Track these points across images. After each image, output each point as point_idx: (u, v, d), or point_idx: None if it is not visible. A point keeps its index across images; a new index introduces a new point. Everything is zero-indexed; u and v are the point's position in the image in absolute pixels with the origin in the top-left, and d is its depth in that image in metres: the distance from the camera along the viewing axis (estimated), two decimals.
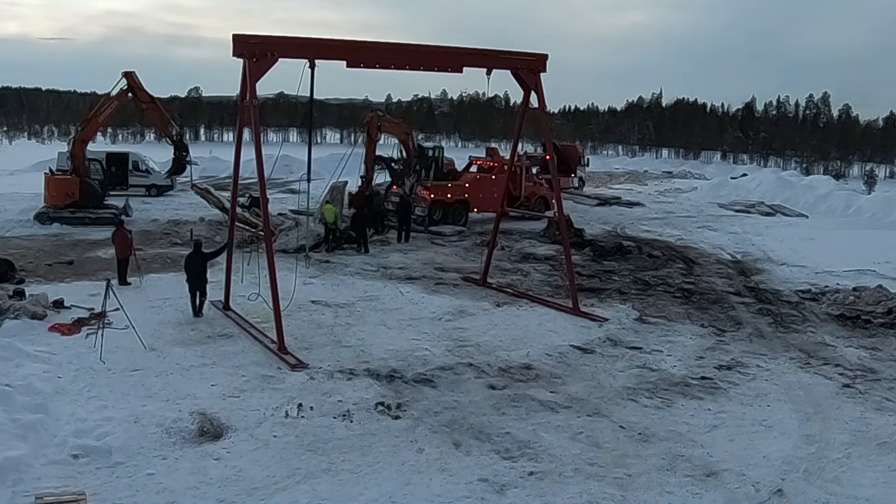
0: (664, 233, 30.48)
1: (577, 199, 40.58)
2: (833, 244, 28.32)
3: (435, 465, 10.00)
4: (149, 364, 13.25)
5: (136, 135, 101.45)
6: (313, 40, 15.76)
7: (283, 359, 13.72)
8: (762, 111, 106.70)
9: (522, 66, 17.75)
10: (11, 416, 10.38)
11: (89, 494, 8.88)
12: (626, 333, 16.24)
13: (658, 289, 20.47)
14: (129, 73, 27.33)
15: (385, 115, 36.97)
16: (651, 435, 11.17)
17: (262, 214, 16.03)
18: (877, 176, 68.82)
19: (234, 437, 10.60)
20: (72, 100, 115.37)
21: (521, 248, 25.56)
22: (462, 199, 30.43)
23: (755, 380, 13.65)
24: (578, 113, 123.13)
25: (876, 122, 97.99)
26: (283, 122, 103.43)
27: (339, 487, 9.37)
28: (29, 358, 12.84)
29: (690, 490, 9.60)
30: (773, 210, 38.86)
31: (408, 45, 16.76)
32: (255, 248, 19.11)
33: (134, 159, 37.35)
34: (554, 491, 9.45)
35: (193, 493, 9.09)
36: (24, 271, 19.47)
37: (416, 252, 24.68)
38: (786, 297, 19.95)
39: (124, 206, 29.45)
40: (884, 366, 14.62)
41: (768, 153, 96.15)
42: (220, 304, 17.07)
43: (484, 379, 13.19)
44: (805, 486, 9.83)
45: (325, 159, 42.67)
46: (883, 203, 37.97)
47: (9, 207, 30.09)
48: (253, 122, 15.18)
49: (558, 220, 19.80)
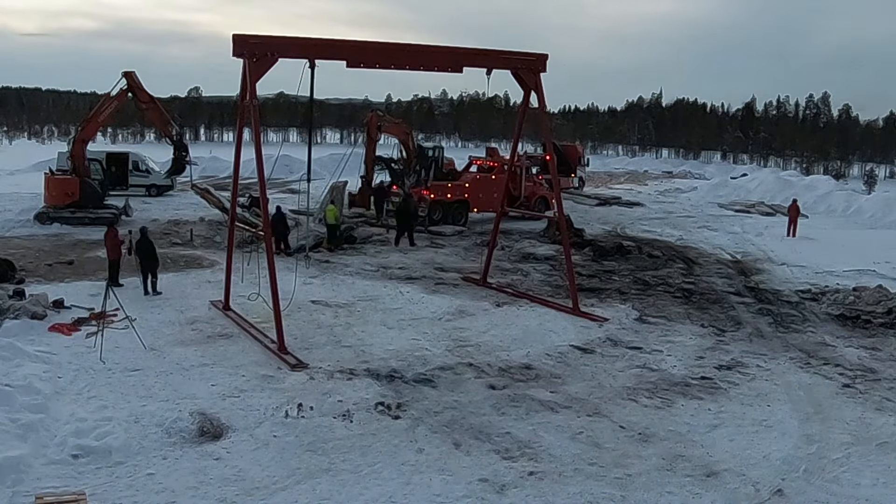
0: (664, 233, 30.49)
1: (577, 199, 40.60)
2: (833, 244, 28.33)
3: (435, 465, 10.00)
4: (149, 364, 13.24)
5: (136, 135, 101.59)
6: (313, 40, 15.76)
7: (283, 359, 13.72)
8: (762, 111, 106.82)
9: (522, 66, 17.74)
10: (11, 416, 10.39)
11: (89, 494, 8.89)
12: (626, 333, 16.24)
13: (658, 289, 20.47)
14: (129, 72, 27.33)
15: (385, 115, 37.00)
16: (651, 435, 11.17)
17: (262, 214, 16.04)
18: (877, 176, 68.87)
19: (234, 437, 10.59)
20: (72, 100, 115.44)
21: (521, 248, 25.56)
22: (462, 199, 30.43)
23: (755, 380, 13.65)
24: (578, 113, 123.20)
25: (876, 122, 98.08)
26: (283, 122, 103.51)
27: (339, 487, 9.37)
28: (29, 358, 12.84)
29: (690, 490, 9.60)
30: (773, 210, 38.88)
31: (408, 45, 16.75)
32: (256, 248, 19.11)
33: (134, 159, 37.35)
34: (554, 491, 9.45)
35: (193, 493, 9.09)
36: (24, 271, 19.47)
37: (416, 252, 24.67)
38: (786, 296, 19.95)
39: (124, 205, 29.44)
40: (884, 366, 14.61)
41: (768, 153, 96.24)
42: (220, 304, 17.07)
43: (484, 379, 13.18)
44: (805, 486, 9.83)
45: (325, 159, 42.86)
46: (883, 203, 37.97)
47: (9, 207, 30.10)
48: (253, 122, 15.19)
49: (558, 220, 19.80)
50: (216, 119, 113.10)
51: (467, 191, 30.61)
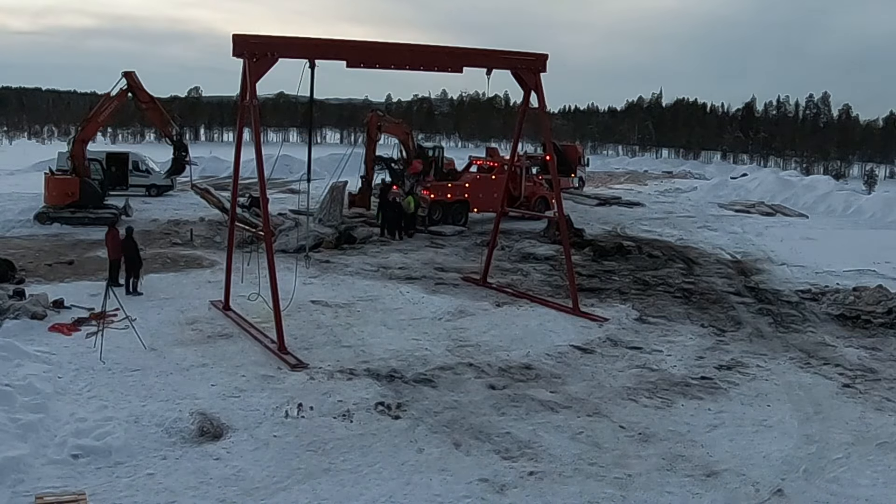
0: (664, 233, 30.48)
1: (577, 199, 40.57)
2: (833, 244, 28.33)
3: (435, 465, 10.00)
4: (149, 364, 13.24)
5: (136, 135, 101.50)
6: (313, 40, 15.75)
7: (283, 359, 13.72)
8: (762, 111, 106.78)
9: (522, 66, 17.74)
10: (11, 416, 10.39)
11: (89, 494, 8.89)
12: (626, 333, 16.24)
13: (658, 289, 20.47)
14: (129, 72, 27.34)
15: (385, 115, 37.00)
16: (651, 435, 11.17)
17: (261, 214, 16.03)
18: (877, 176, 68.83)
19: (234, 437, 10.60)
20: (72, 100, 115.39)
21: (521, 248, 25.54)
22: (462, 199, 30.45)
23: (755, 380, 13.65)
24: (578, 113, 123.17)
25: (876, 122, 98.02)
26: (283, 122, 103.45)
27: (339, 487, 9.37)
28: (29, 358, 12.83)
29: (690, 490, 9.60)
30: (773, 210, 38.86)
31: (408, 45, 16.76)
32: (255, 248, 19.11)
33: (134, 159, 37.32)
34: (554, 491, 9.45)
35: (193, 493, 9.09)
36: (24, 271, 19.46)
37: (416, 252, 24.67)
38: (786, 297, 19.95)
39: (124, 206, 29.46)
40: (884, 366, 14.62)
41: (768, 153, 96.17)
42: (220, 304, 17.07)
43: (484, 379, 13.18)
44: (805, 485, 9.83)
45: (325, 159, 42.80)
46: (883, 203, 37.96)
47: (9, 207, 30.06)
48: (253, 122, 15.18)
49: (558, 220, 19.80)
50: (216, 119, 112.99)
51: (467, 191, 30.64)
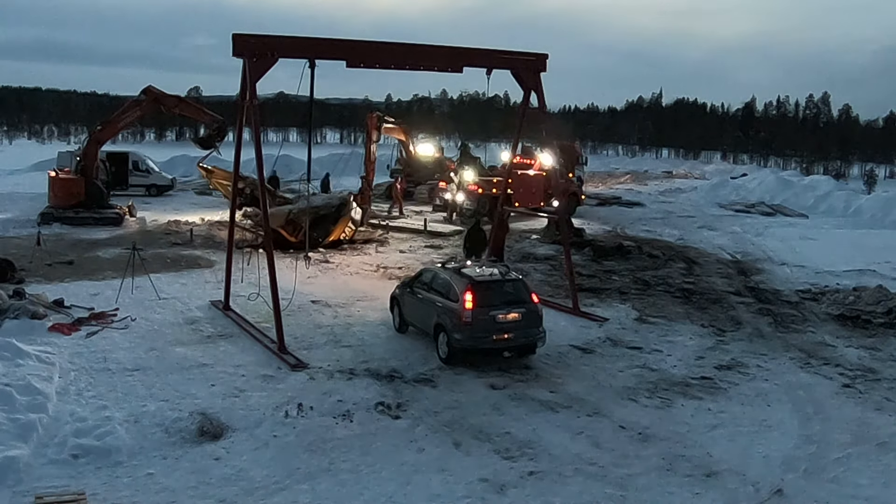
0: (664, 233, 30.45)
1: None
2: (833, 244, 28.30)
3: (435, 465, 10.01)
4: (149, 364, 13.25)
5: (136, 135, 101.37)
6: (313, 40, 15.76)
7: (283, 359, 13.72)
8: (762, 111, 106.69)
9: (522, 66, 17.74)
10: (11, 416, 10.40)
11: (89, 494, 8.90)
12: (626, 333, 16.23)
13: (658, 289, 20.45)
14: (149, 88, 27.20)
15: (385, 116, 37.02)
16: (651, 435, 11.17)
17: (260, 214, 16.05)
18: (877, 176, 68.66)
19: (234, 437, 10.60)
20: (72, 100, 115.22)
21: (521, 248, 25.56)
22: (507, 194, 30.85)
23: (755, 380, 13.66)
24: (578, 113, 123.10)
25: (876, 122, 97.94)
26: (283, 122, 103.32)
27: (339, 487, 9.38)
28: (29, 358, 12.84)
29: (690, 490, 9.61)
30: (773, 210, 38.84)
31: (408, 44, 16.74)
32: (256, 238, 19.03)
33: (134, 159, 37.31)
34: (554, 491, 9.45)
35: (193, 493, 9.10)
36: (24, 271, 19.47)
37: (416, 252, 24.68)
38: (786, 297, 19.94)
39: (129, 206, 29.58)
40: (884, 366, 14.61)
41: (768, 153, 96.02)
42: (220, 304, 17.07)
43: (484, 379, 13.19)
44: (805, 485, 9.83)
45: (325, 159, 42.81)
46: (883, 203, 37.91)
47: (9, 207, 30.09)
48: (253, 122, 15.20)
49: (558, 221, 19.78)
50: None
51: (511, 186, 30.98)
